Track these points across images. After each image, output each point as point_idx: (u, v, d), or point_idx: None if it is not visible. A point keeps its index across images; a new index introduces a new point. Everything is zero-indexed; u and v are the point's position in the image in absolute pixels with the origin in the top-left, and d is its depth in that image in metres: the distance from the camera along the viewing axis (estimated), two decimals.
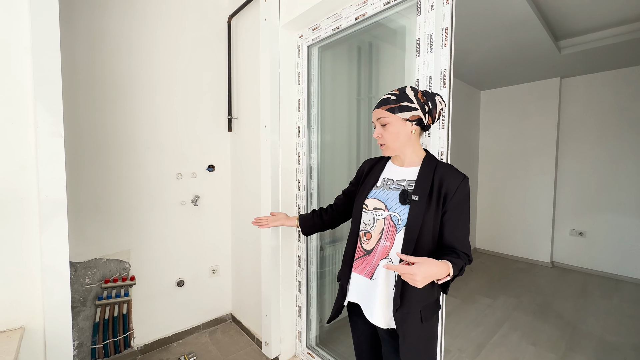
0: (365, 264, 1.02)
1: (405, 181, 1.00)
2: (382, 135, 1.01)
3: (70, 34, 1.67)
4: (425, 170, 0.96)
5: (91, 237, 1.81)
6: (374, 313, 0.98)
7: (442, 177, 0.93)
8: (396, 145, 1.00)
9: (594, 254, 3.78)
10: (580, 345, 2.26)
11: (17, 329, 1.09)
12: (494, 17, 2.42)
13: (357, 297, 1.05)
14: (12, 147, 1.10)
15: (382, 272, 0.97)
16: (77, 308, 1.78)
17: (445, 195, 0.91)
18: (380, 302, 0.97)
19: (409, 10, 1.39)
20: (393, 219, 0.96)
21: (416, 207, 0.91)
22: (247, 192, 2.23)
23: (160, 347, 2.09)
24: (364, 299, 1.02)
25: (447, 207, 0.91)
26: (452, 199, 0.90)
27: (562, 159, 4.03)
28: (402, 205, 0.94)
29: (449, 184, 0.91)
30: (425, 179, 0.94)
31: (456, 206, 0.91)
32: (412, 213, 0.91)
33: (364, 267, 1.03)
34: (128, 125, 1.92)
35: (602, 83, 3.69)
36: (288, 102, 1.94)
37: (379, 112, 1.00)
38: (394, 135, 0.98)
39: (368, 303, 1.01)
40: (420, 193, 0.92)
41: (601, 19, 2.65)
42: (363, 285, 1.02)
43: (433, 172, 0.94)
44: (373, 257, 1.00)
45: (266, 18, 1.82)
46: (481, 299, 3.05)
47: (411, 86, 1.00)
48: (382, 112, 0.99)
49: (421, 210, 0.90)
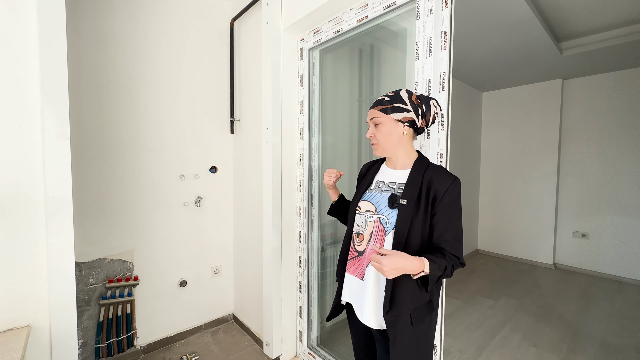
0: (358, 264, 1.04)
1: (395, 184, 1.01)
2: (374, 135, 1.03)
3: (75, 37, 1.70)
4: (415, 173, 0.97)
5: (95, 238, 1.84)
6: (365, 313, 0.99)
7: (430, 179, 0.93)
8: (387, 145, 1.01)
9: (597, 255, 3.76)
10: (582, 348, 2.25)
11: (23, 327, 1.11)
12: (495, 19, 2.43)
13: (350, 297, 1.08)
14: (20, 150, 1.12)
15: (372, 273, 0.99)
16: (82, 307, 1.80)
17: (434, 197, 0.91)
18: (371, 302, 0.98)
19: (409, 13, 1.40)
20: (382, 222, 0.98)
21: (404, 211, 0.92)
22: (249, 193, 2.25)
23: (162, 346, 2.12)
24: (356, 299, 1.05)
25: (435, 209, 0.91)
26: (440, 201, 0.91)
27: (564, 160, 4.02)
28: (391, 209, 0.96)
29: (437, 186, 0.91)
30: (414, 182, 0.95)
31: (445, 208, 0.91)
32: (400, 217, 0.92)
33: (356, 268, 1.05)
34: (132, 127, 1.95)
35: (605, 84, 3.69)
36: (289, 104, 1.96)
37: (372, 112, 1.02)
38: (386, 135, 1.00)
39: (359, 303, 1.03)
40: (408, 197, 0.93)
41: (603, 20, 2.65)
42: (355, 285, 1.05)
43: (422, 175, 0.95)
44: (364, 258, 1.02)
45: (268, 21, 1.85)
46: (482, 300, 3.05)
47: (407, 89, 1.01)
48: (376, 112, 1.01)
49: (409, 215, 0.91)
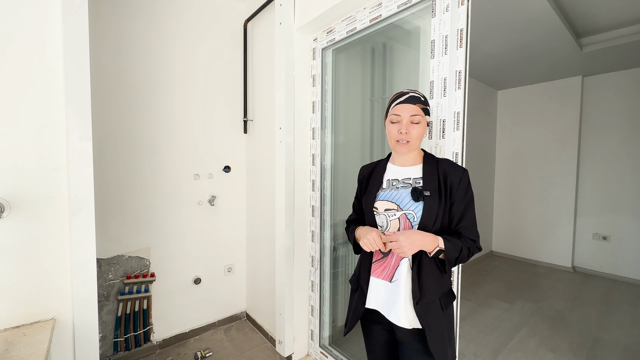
0: (384, 266, 1.01)
1: (410, 179, 1.01)
2: (409, 132, 0.97)
3: (96, 40, 1.76)
4: (428, 167, 1.00)
5: (114, 235, 1.90)
6: (399, 315, 0.95)
7: (445, 171, 0.97)
8: (417, 144, 1.01)
9: (619, 259, 3.62)
10: (603, 354, 2.17)
11: (49, 320, 1.16)
12: (512, 14, 2.37)
13: (375, 303, 1.03)
14: (46, 150, 1.17)
15: (403, 272, 0.97)
16: (101, 302, 1.86)
17: (451, 187, 0.95)
18: (404, 302, 0.95)
19: (423, 11, 1.39)
20: (408, 217, 0.97)
21: (430, 202, 0.94)
22: (262, 192, 2.27)
23: (177, 342, 2.16)
24: (384, 304, 1.00)
25: (453, 198, 0.96)
26: (457, 190, 0.95)
27: (584, 160, 3.89)
28: (416, 202, 0.96)
29: (452, 177, 0.96)
30: (431, 175, 0.98)
31: (462, 197, 0.95)
32: (427, 207, 0.94)
33: (382, 270, 1.02)
34: (148, 127, 2.00)
35: (627, 82, 3.54)
36: (302, 104, 1.96)
37: (414, 108, 0.96)
38: (420, 134, 0.99)
39: (390, 306, 0.98)
40: (431, 188, 0.96)
41: (626, 15, 2.54)
42: (382, 289, 1.01)
43: (436, 168, 0.99)
44: (391, 258, 1.00)
45: (281, 22, 1.86)
46: (498, 303, 2.98)
47: None
48: (418, 110, 0.97)
49: (435, 204, 0.94)
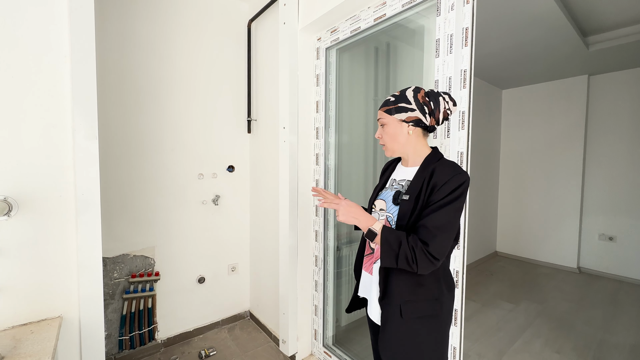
0: (371, 261, 1.08)
1: (405, 181, 1.01)
2: (381, 135, 1.03)
3: (102, 40, 1.77)
4: (422, 169, 0.95)
5: (119, 234, 1.91)
6: (372, 308, 1.04)
7: (433, 171, 0.90)
8: (394, 146, 1.01)
9: (625, 259, 3.58)
10: (609, 356, 2.15)
11: (56, 318, 1.17)
12: (517, 12, 2.35)
13: (362, 292, 1.13)
14: (53, 150, 1.18)
15: (377, 268, 1.01)
16: (107, 301, 1.88)
17: (432, 188, 0.87)
18: (375, 297, 1.01)
19: (428, 10, 1.38)
20: (389, 219, 0.99)
21: (404, 206, 0.92)
22: (266, 192, 2.27)
23: (182, 340, 2.17)
24: (367, 295, 1.09)
25: (430, 199, 0.87)
26: (437, 191, 0.86)
27: (590, 160, 3.85)
28: (395, 205, 0.97)
29: (437, 178, 0.87)
30: (420, 177, 0.93)
31: (439, 199, 0.85)
32: (401, 212, 0.93)
33: (369, 265, 1.08)
34: (153, 127, 2.01)
35: (634, 80, 3.50)
36: (306, 104, 1.96)
37: (379, 112, 1.03)
38: (391, 136, 1.00)
39: (370, 298, 1.06)
40: (411, 192, 0.92)
41: (632, 14, 2.51)
42: (366, 281, 1.10)
43: (429, 169, 0.91)
44: (376, 254, 1.05)
45: (285, 22, 1.86)
46: (502, 303, 2.96)
47: (416, 87, 0.97)
48: (381, 113, 1.01)
49: (408, 209, 0.90)
